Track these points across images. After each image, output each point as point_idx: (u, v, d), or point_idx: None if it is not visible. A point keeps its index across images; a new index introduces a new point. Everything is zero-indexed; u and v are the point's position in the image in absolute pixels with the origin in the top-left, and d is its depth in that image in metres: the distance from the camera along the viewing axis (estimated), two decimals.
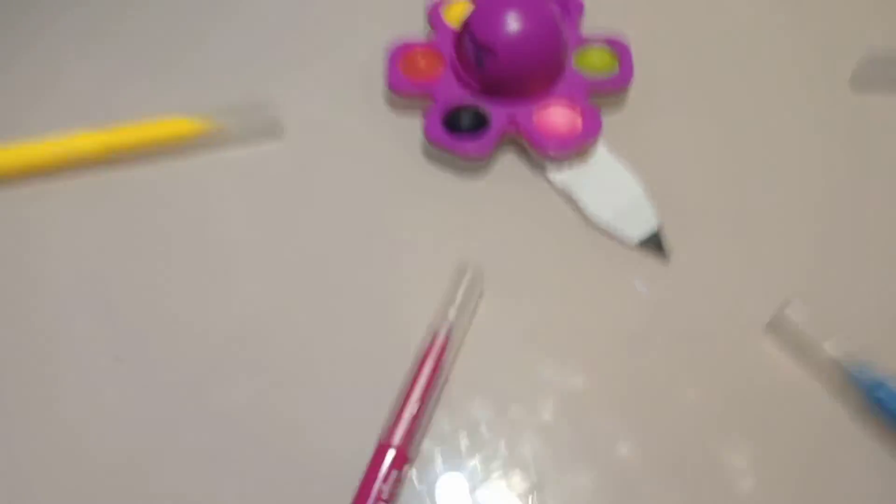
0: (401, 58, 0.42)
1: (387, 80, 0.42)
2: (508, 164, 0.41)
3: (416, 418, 0.31)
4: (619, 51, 0.42)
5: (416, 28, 0.46)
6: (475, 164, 0.40)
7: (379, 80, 0.43)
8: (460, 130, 0.39)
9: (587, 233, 0.38)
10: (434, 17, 0.44)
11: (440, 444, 0.33)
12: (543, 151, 0.39)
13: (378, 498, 0.29)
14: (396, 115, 0.43)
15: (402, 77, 0.42)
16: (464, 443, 0.33)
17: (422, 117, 0.41)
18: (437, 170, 0.41)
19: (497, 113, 0.40)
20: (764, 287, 0.36)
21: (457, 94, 0.41)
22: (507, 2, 0.39)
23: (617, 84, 0.41)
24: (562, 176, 0.39)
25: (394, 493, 0.30)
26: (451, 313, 0.33)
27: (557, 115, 0.40)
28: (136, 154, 0.40)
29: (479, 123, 0.40)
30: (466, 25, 0.40)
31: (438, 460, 0.32)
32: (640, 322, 0.36)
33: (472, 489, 0.32)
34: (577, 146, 0.39)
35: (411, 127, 0.42)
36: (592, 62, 0.42)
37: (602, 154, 0.40)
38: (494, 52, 0.39)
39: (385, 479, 0.30)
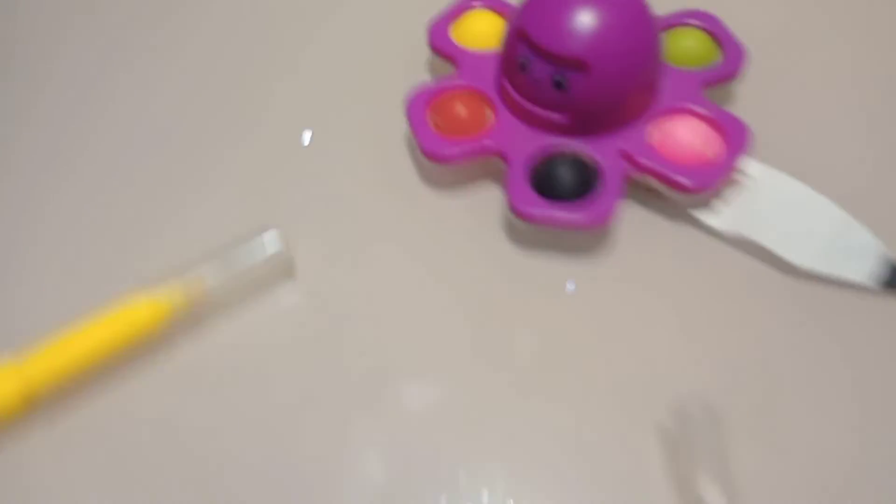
0: (427, 112, 0.29)
1: (420, 146, 0.28)
2: (637, 221, 0.28)
3: None
4: (715, 29, 0.31)
5: (417, 65, 0.33)
6: (592, 234, 0.28)
7: (404, 152, 0.30)
8: (562, 192, 0.27)
9: (803, 287, 0.26)
10: (440, 42, 0.31)
11: None
12: (685, 188, 0.27)
13: None
14: (450, 194, 0.29)
15: (442, 139, 0.28)
16: None
17: (491, 186, 0.28)
18: (538, 256, 0.27)
19: (605, 153, 0.27)
20: None
21: (534, 140, 0.28)
22: None
23: (728, 72, 0.30)
24: (726, 218, 0.27)
25: None
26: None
27: (684, 133, 0.28)
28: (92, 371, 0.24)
29: (586, 175, 0.27)
30: (524, 38, 0.27)
31: None
32: None
33: None
34: (728, 169, 0.27)
35: (479, 205, 0.29)
36: (687, 50, 0.30)
37: (760, 171, 0.28)
38: (585, 68, 0.26)
39: None
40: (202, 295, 0.25)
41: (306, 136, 0.31)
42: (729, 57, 0.30)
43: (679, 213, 0.28)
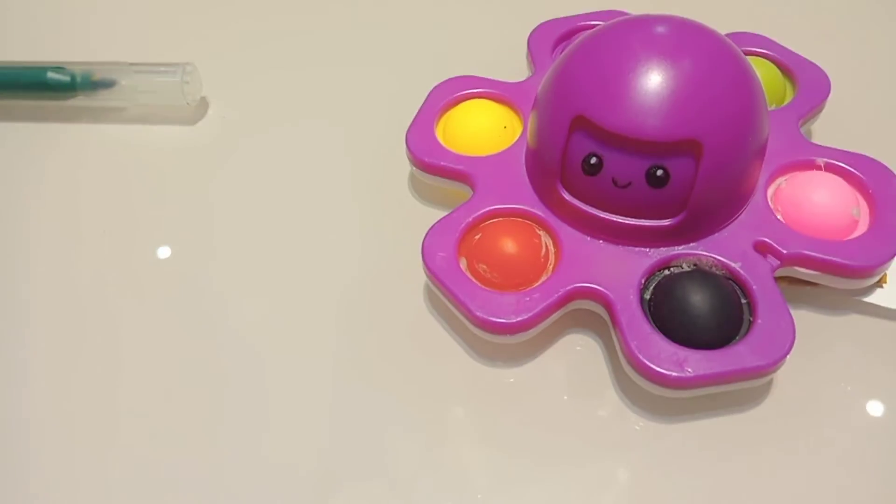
0: (460, 261, 0.20)
1: (470, 317, 0.19)
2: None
3: None
4: (780, 55, 0.24)
5: (398, 198, 0.24)
6: None
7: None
8: (705, 324, 0.18)
9: None
10: (437, 156, 0.22)
11: None
12: (855, 269, 0.19)
13: None
14: (531, 367, 0.20)
15: (500, 295, 0.19)
16: None
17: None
18: (677, 420, 0.19)
19: (736, 254, 0.19)
20: None
21: (630, 264, 0.19)
22: (638, 49, 0.19)
23: (817, 99, 0.23)
24: None
25: None
26: None
27: (817, 197, 0.20)
28: None
29: (725, 292, 0.19)
30: (587, 128, 0.18)
31: None
32: None
33: None
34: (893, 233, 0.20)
35: (566, 368, 0.20)
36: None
37: None
38: (697, 150, 0.18)
39: None
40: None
41: None
42: (808, 85, 0.23)
43: (837, 301, 0.20)
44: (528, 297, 0.19)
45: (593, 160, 0.19)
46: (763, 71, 0.23)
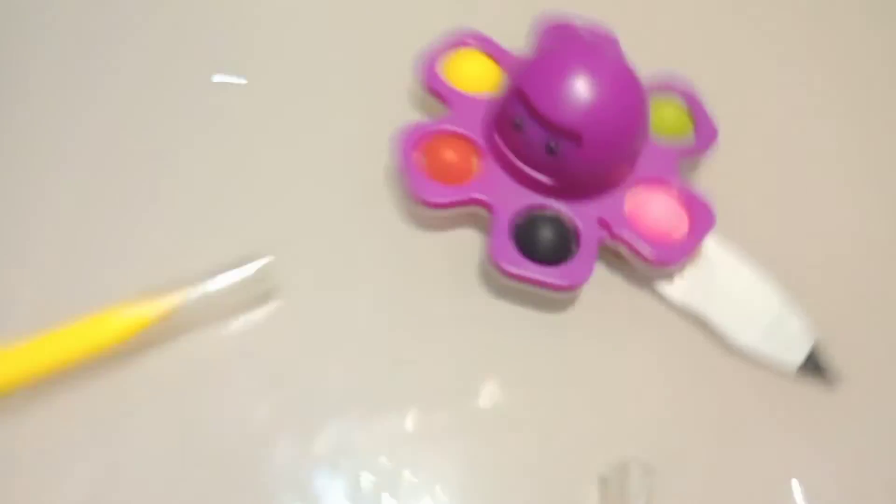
0: (417, 151, 0.30)
1: (410, 190, 0.29)
2: (601, 279, 0.30)
3: None
4: (692, 104, 0.33)
5: (400, 100, 0.33)
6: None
7: (382, 189, 0.31)
8: (543, 253, 0.28)
9: (732, 364, 0.29)
10: (433, 81, 0.32)
11: None
12: (649, 261, 0.29)
13: None
14: (428, 234, 0.30)
15: (432, 184, 0.29)
16: None
17: (469, 229, 0.29)
18: (509, 305, 0.29)
19: (585, 219, 0.29)
20: None
21: (519, 197, 0.29)
22: (574, 61, 0.28)
23: (700, 149, 0.32)
24: (680, 290, 0.30)
25: None
26: None
27: (657, 208, 0.30)
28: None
29: (566, 239, 0.29)
30: (522, 98, 0.28)
31: None
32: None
33: None
34: (690, 250, 0.29)
35: (457, 246, 0.30)
36: (666, 122, 0.32)
37: (716, 251, 0.30)
38: (578, 140, 0.28)
39: None
40: (180, 313, 0.26)
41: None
42: (702, 134, 0.32)
43: (639, 279, 0.30)
44: (450, 191, 0.29)
45: (518, 121, 0.28)
46: (671, 109, 0.32)
